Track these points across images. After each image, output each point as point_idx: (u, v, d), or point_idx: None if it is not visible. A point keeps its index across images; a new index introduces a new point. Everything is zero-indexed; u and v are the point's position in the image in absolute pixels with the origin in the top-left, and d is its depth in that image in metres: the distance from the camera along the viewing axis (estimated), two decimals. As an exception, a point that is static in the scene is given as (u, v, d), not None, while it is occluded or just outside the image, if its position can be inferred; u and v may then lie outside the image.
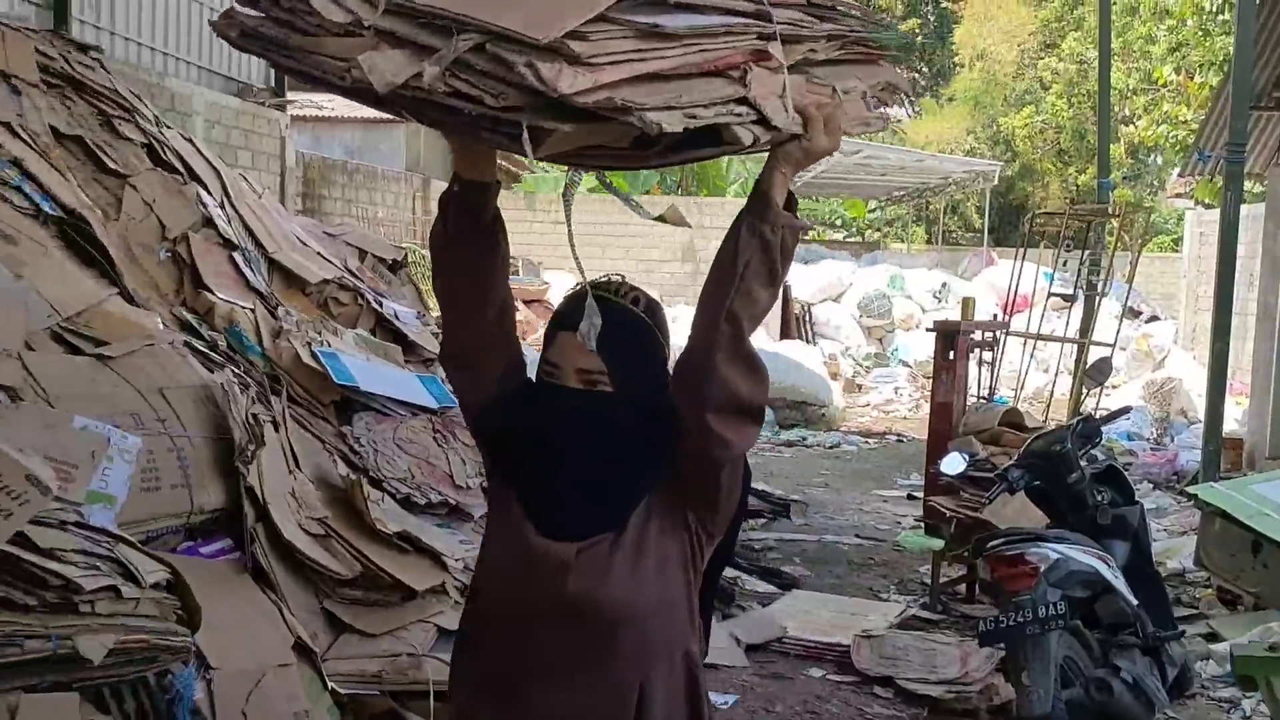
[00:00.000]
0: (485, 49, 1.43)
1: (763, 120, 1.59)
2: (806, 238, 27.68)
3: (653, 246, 15.82)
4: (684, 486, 1.82)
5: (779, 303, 15.34)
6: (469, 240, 1.84)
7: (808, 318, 16.35)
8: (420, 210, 15.23)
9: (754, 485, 8.17)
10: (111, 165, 4.54)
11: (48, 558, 2.24)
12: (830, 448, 11.52)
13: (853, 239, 29.65)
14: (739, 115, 1.56)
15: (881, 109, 1.99)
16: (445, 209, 1.85)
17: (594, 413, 1.80)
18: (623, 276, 1.91)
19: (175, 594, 2.56)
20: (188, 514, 3.21)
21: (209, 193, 5.06)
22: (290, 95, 10.84)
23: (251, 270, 4.99)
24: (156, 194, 4.65)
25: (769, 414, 12.15)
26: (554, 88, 1.36)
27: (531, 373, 1.93)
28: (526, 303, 12.84)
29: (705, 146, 1.59)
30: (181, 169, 4.99)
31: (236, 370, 3.92)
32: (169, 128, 5.35)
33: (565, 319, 1.83)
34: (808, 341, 15.44)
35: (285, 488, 3.54)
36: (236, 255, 4.91)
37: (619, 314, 1.81)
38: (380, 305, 5.65)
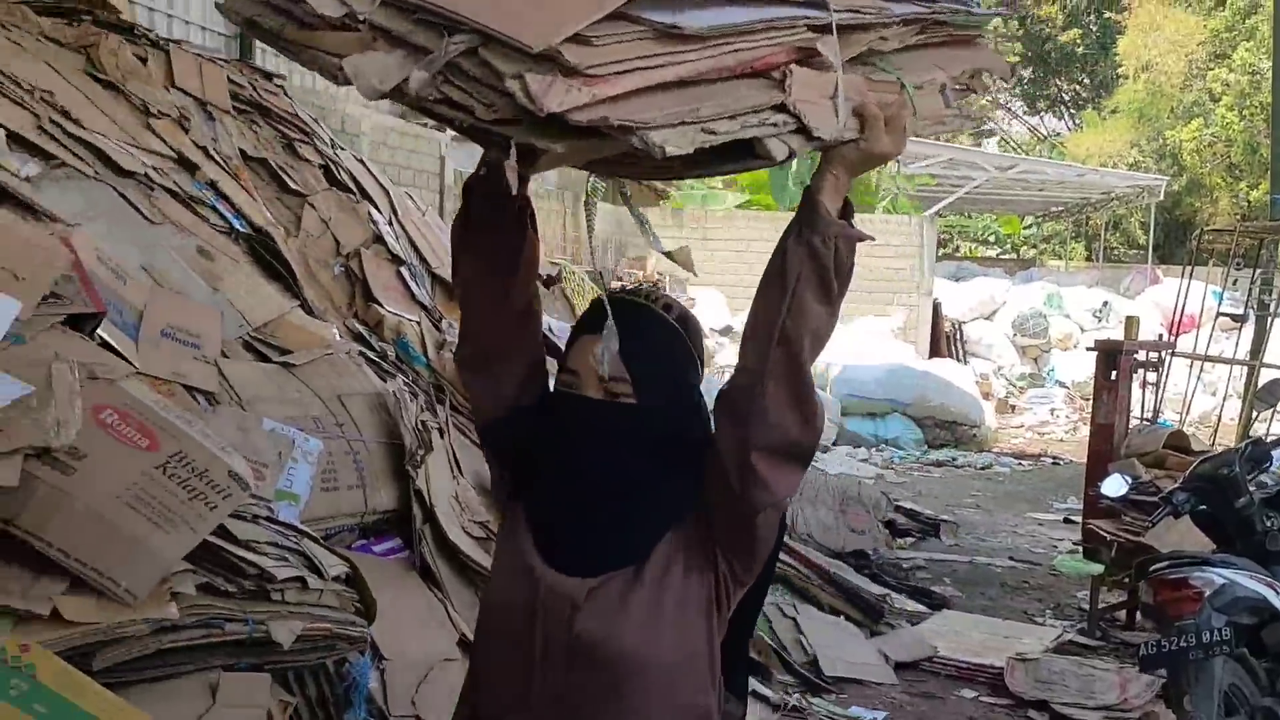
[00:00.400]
0: (479, 53, 1.28)
1: (804, 130, 1.38)
2: (958, 254, 27.14)
3: (800, 263, 15.70)
4: (715, 524, 1.61)
5: (929, 319, 15.09)
6: (492, 228, 1.66)
7: (959, 336, 16.02)
8: (570, 228, 15.55)
9: (902, 504, 8.10)
10: (292, 186, 4.83)
11: (245, 548, 2.43)
12: (981, 468, 11.27)
13: (1007, 255, 28.91)
14: (774, 125, 1.36)
15: (969, 97, 1.74)
16: (469, 195, 1.67)
17: (615, 426, 1.60)
18: (656, 283, 1.76)
19: (353, 588, 2.72)
20: (362, 514, 3.41)
21: (378, 210, 5.33)
22: (450, 117, 11.23)
23: (417, 284, 5.23)
24: (332, 212, 4.93)
25: (917, 432, 12.00)
26: (541, 105, 1.20)
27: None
28: (674, 318, 12.93)
29: (737, 159, 1.39)
30: (354, 188, 5.28)
31: (406, 379, 4.13)
32: (342, 149, 5.66)
33: (588, 323, 1.65)
34: (959, 360, 15.13)
35: (450, 492, 3.71)
36: (403, 270, 5.15)
37: (648, 320, 1.63)
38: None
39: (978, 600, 6.36)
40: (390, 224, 5.41)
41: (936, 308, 15.54)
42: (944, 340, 15.55)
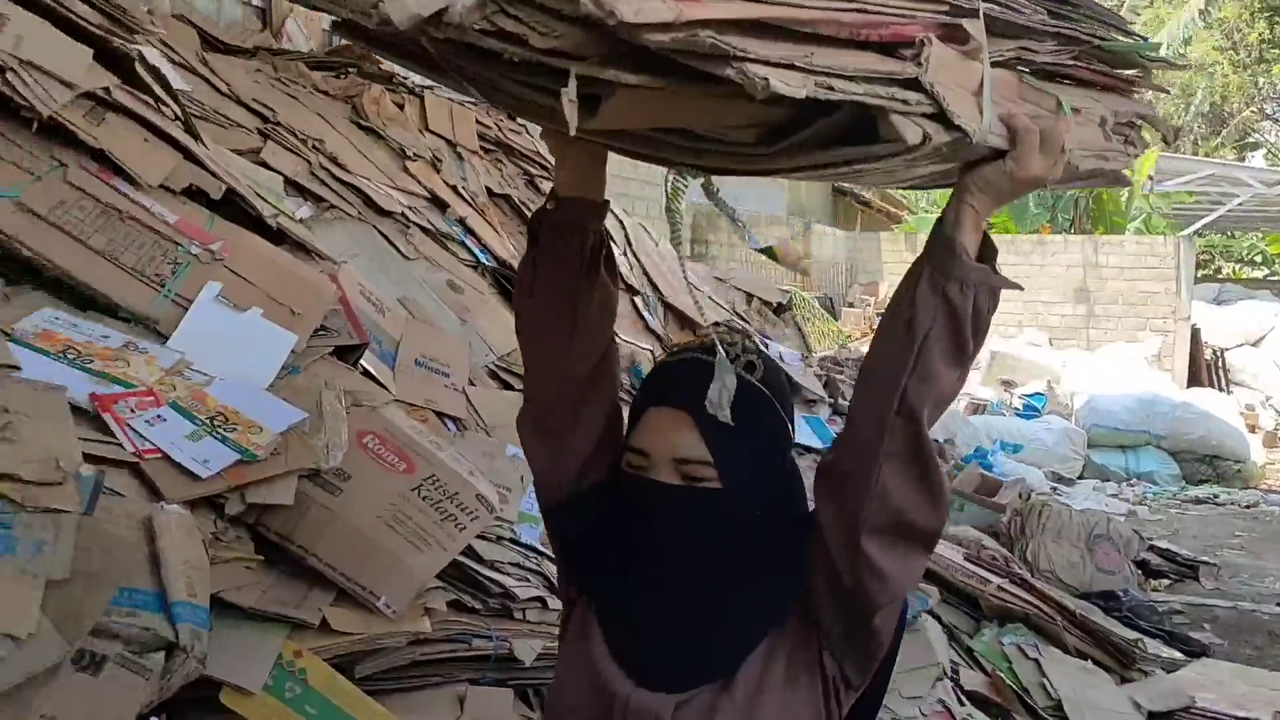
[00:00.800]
0: None
1: (943, 116, 1.10)
2: (1219, 275, 25.28)
3: (1043, 288, 15.12)
4: (821, 621, 1.35)
5: (1186, 346, 14.16)
6: (560, 271, 1.42)
7: (1221, 364, 14.94)
8: (801, 253, 15.54)
9: (1157, 543, 7.61)
10: (534, 220, 5.08)
11: (490, 568, 2.56)
12: (1247, 507, 10.44)
13: (1276, 277, 26.75)
14: (904, 102, 1.08)
15: (1128, 148, 1.42)
16: (535, 233, 1.44)
17: (696, 515, 1.35)
18: (745, 330, 1.50)
19: (589, 609, 2.81)
20: (598, 537, 3.51)
21: (614, 242, 5.51)
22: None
23: (650, 313, 5.37)
24: (571, 245, 5.13)
25: (1173, 466, 11.25)
26: (611, 10, 0.96)
27: None
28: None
29: (856, 142, 1.12)
30: (592, 221, 5.48)
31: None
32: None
33: (659, 389, 1.38)
34: (1221, 390, 14.11)
35: (682, 518, 3.77)
36: (637, 300, 5.30)
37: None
38: (766, 346, 5.86)
39: (1242, 649, 5.90)
40: (625, 254, 5.59)
41: (1195, 334, 14.55)
42: (1204, 368, 14.53)
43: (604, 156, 1.42)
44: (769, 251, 1.53)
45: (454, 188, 4.59)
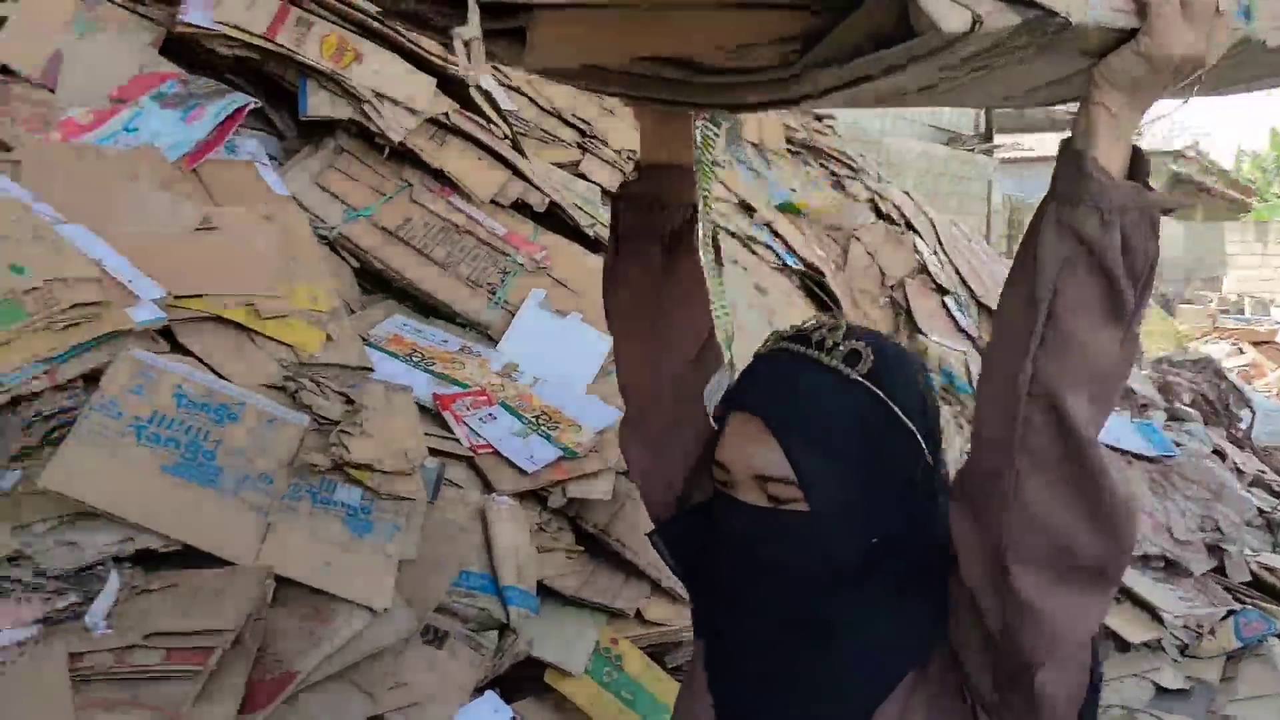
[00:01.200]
0: None
1: None
2: None
3: None
4: (971, 679, 1.05)
5: None
6: (644, 250, 1.24)
7: None
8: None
9: None
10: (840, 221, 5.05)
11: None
12: None
13: None
14: None
15: None
16: (618, 209, 1.27)
17: (783, 544, 1.07)
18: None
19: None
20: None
21: (923, 241, 5.39)
22: (997, 139, 11.06)
23: (962, 313, 5.21)
24: (878, 245, 5.07)
25: None
26: None
27: None
28: (1255, 344, 11.59)
29: (889, 44, 0.83)
30: (899, 220, 5.39)
31: (954, 410, 4.13)
32: (888, 183, 5.79)
33: (738, 389, 1.13)
34: None
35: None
36: (948, 300, 5.16)
37: (814, 382, 1.07)
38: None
39: None
40: (935, 253, 5.45)
41: None
42: None
43: (690, 116, 1.23)
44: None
45: (761, 191, 4.66)
